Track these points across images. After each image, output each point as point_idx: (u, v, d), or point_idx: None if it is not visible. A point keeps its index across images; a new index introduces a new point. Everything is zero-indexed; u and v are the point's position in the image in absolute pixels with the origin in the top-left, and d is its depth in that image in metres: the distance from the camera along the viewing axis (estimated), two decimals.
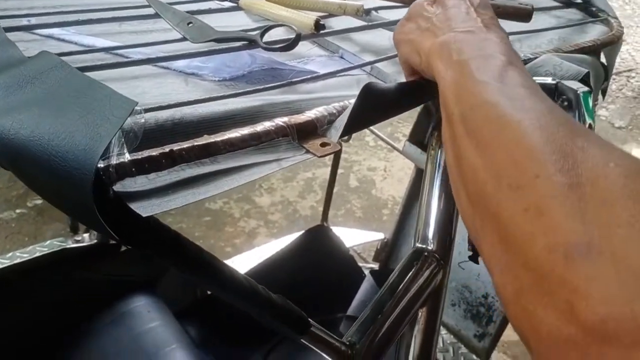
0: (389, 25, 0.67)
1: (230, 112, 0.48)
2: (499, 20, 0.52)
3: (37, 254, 1.10)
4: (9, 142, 0.34)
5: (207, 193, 0.39)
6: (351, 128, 0.49)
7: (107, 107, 0.34)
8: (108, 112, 0.33)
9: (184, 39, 0.56)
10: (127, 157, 0.38)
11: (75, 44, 0.58)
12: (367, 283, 1.61)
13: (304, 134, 0.47)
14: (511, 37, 0.70)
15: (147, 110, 0.43)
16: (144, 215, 0.35)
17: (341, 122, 0.46)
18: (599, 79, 0.73)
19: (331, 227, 1.65)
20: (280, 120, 0.46)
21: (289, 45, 0.52)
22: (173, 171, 0.41)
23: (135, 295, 1.23)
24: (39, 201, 2.16)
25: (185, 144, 0.41)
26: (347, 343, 0.55)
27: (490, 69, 0.37)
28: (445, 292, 0.65)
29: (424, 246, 0.63)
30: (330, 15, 0.69)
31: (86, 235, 1.20)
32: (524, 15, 0.72)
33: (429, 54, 0.45)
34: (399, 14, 0.74)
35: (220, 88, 0.55)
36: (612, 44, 0.82)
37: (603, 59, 0.82)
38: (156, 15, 0.60)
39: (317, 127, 0.48)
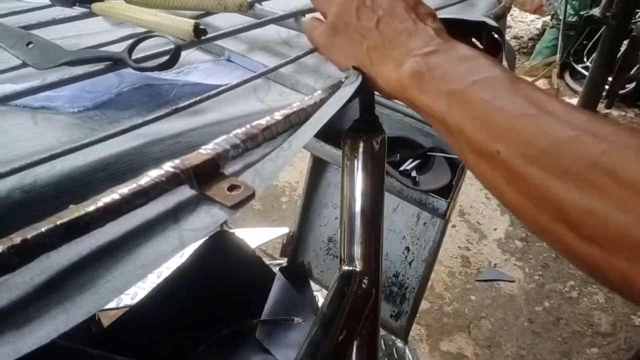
0: (280, 20, 0.57)
1: (103, 160, 0.37)
2: None
3: None
4: None
5: (87, 309, 0.28)
6: None
7: None
8: None
9: (24, 64, 0.43)
10: None
11: None
12: (279, 282, 1.54)
13: (204, 176, 0.37)
14: None
15: None
16: None
17: (272, 172, 0.37)
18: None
19: (233, 230, 1.55)
20: (170, 165, 0.36)
21: (166, 62, 0.42)
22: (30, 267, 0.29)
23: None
24: None
25: (45, 225, 0.29)
26: None
27: (507, 94, 0.35)
28: (379, 311, 0.59)
29: (351, 268, 0.56)
30: (209, 12, 0.58)
31: None
32: None
33: (398, 88, 0.42)
34: (287, 4, 0.66)
35: (83, 122, 0.43)
36: (504, 16, 0.79)
37: None
38: None
39: (220, 166, 0.38)
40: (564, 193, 0.31)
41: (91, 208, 0.31)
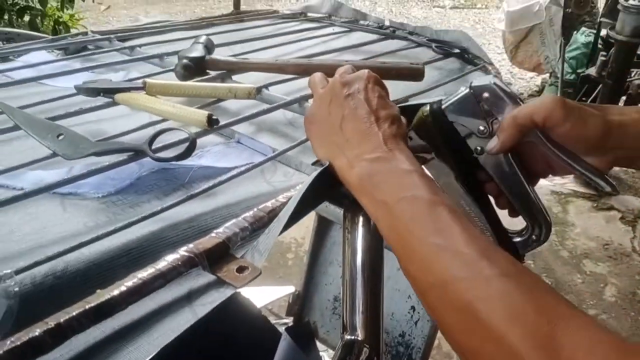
0: (286, 105, 0.63)
1: (125, 246, 0.41)
2: (394, 81, 0.52)
3: None
4: None
5: None
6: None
7: None
8: None
9: (54, 154, 0.48)
10: None
11: None
12: (284, 342, 1.54)
13: (215, 259, 0.41)
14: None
15: (19, 272, 0.35)
16: None
17: (266, 245, 0.41)
18: None
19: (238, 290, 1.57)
20: (185, 250, 0.40)
21: (183, 153, 0.46)
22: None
23: None
24: None
25: (76, 309, 0.33)
26: None
27: (423, 217, 0.40)
28: None
29: (353, 337, 0.59)
30: (220, 99, 0.64)
31: None
32: (417, 75, 0.72)
33: (348, 185, 0.46)
34: (290, 87, 0.72)
35: (107, 207, 0.47)
36: None
37: None
38: (16, 128, 0.51)
39: (230, 248, 0.42)
40: (450, 325, 0.36)
41: (115, 292, 0.35)
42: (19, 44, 0.86)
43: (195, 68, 0.68)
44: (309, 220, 1.73)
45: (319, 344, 1.69)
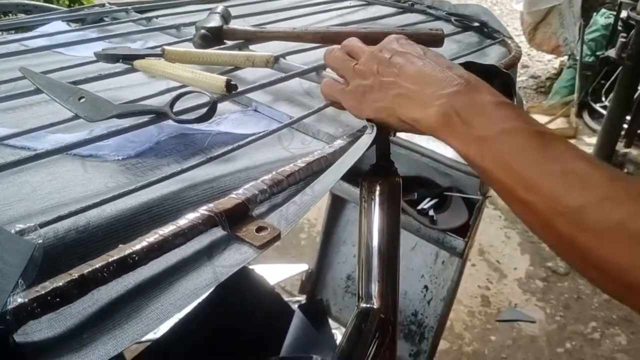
0: (303, 74, 0.63)
1: (145, 204, 0.41)
2: None
3: None
4: None
5: (133, 336, 0.32)
6: None
7: None
8: None
9: (76, 117, 0.48)
10: (24, 295, 0.30)
11: None
12: (297, 318, 1.56)
13: (234, 219, 0.41)
14: None
15: (43, 225, 0.35)
16: None
17: (295, 215, 0.41)
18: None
19: (253, 266, 1.59)
20: (206, 209, 0.40)
21: (204, 115, 0.46)
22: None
23: None
24: None
25: (98, 262, 0.34)
26: None
27: (534, 146, 0.37)
28: (396, 347, 0.62)
29: (368, 305, 0.59)
30: (237, 67, 0.64)
31: None
32: (438, 40, 0.71)
33: (426, 128, 0.44)
34: (307, 57, 0.71)
35: (127, 169, 0.48)
36: (514, 65, 0.84)
37: None
38: (37, 91, 0.51)
39: (249, 209, 0.43)
40: (589, 246, 0.34)
41: (137, 247, 0.35)
42: (36, 15, 0.86)
43: (213, 38, 0.67)
44: (322, 201, 1.73)
45: (331, 322, 1.70)
